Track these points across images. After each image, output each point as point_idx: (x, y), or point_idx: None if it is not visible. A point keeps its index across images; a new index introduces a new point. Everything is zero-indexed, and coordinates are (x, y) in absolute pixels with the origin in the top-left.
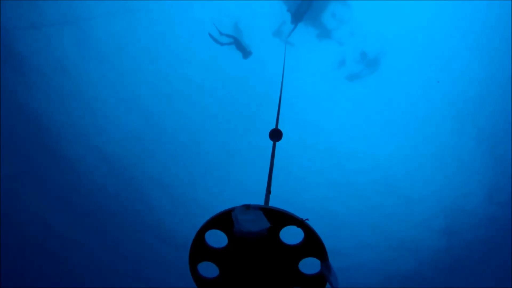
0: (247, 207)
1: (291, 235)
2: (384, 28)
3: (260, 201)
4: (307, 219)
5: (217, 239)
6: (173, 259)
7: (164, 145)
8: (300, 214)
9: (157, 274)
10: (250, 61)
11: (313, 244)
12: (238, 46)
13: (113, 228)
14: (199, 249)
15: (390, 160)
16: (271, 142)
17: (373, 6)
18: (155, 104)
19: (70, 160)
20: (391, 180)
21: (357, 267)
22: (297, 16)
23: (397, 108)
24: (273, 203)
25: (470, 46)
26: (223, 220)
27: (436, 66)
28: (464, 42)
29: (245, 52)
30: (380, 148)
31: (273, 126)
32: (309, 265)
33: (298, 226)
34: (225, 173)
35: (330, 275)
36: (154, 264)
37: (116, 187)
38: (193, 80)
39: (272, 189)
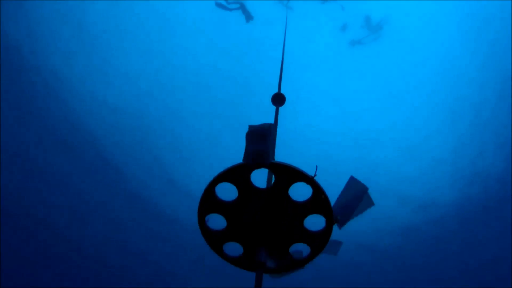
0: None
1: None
2: None
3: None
4: (315, 175)
5: (224, 193)
6: (182, 213)
7: (171, 101)
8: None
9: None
10: (254, 25)
11: (320, 201)
12: (244, 10)
13: (119, 182)
14: (209, 201)
15: (400, 122)
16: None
17: None
18: (161, 53)
19: (76, 111)
20: (400, 142)
21: (369, 227)
22: None
23: (404, 73)
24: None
25: (476, 10)
26: (235, 174)
27: (441, 30)
28: (470, 7)
29: (248, 16)
30: (388, 111)
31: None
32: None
33: (307, 183)
34: (235, 128)
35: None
36: (161, 218)
37: (123, 140)
38: (196, 40)
39: (278, 150)
